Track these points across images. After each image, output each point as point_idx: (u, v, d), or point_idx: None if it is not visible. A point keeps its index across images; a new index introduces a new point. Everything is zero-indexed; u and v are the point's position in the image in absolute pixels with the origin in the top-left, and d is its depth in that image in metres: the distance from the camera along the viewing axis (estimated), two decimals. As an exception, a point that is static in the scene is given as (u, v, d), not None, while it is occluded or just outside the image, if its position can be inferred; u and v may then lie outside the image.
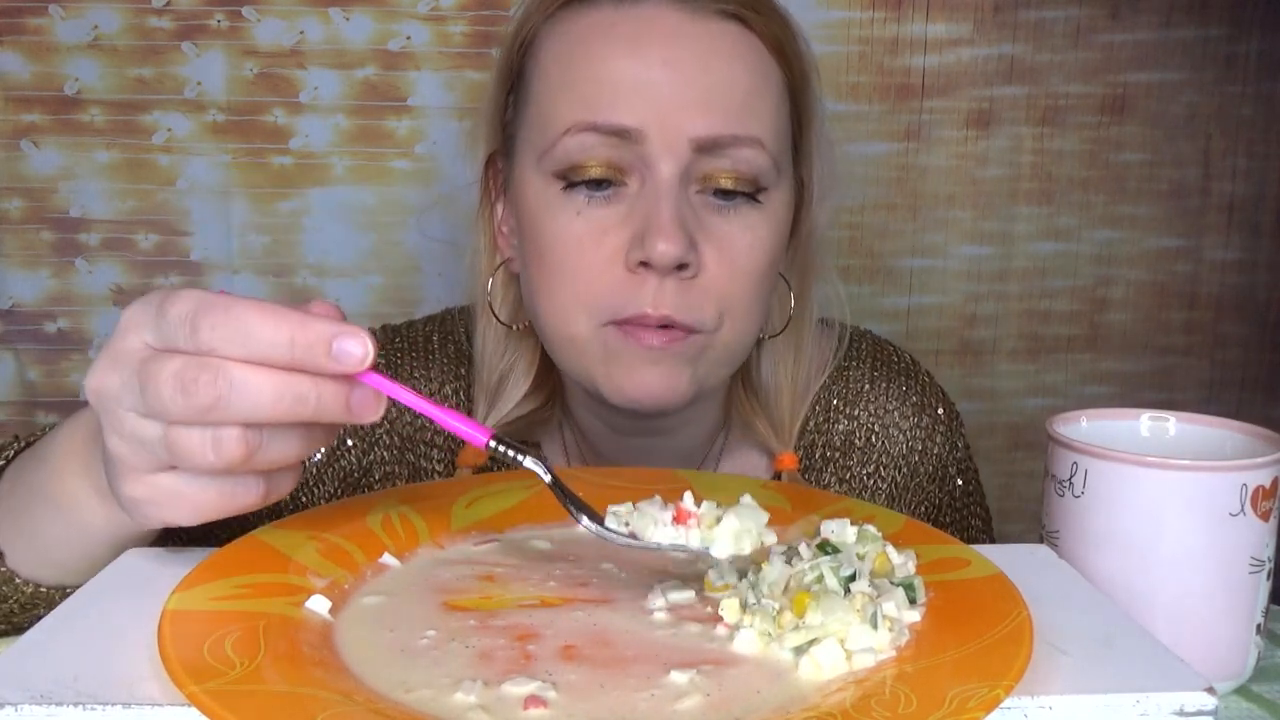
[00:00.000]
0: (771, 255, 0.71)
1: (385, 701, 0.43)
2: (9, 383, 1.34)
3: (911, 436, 0.83)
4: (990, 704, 0.40)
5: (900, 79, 1.37)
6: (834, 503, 0.65)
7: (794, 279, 0.79)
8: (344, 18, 1.31)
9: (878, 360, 0.86)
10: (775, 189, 0.71)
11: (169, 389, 0.45)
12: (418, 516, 0.62)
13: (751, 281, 0.69)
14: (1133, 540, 0.57)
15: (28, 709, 0.42)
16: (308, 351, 0.45)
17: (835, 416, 0.83)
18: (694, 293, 0.67)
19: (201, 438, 0.46)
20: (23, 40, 1.28)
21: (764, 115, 0.69)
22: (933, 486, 0.84)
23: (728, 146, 0.67)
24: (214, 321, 0.45)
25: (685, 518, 0.51)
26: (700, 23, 0.67)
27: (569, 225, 0.68)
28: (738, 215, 0.69)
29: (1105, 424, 0.66)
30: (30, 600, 0.62)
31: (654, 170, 0.66)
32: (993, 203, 1.41)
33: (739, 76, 0.68)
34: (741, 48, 0.69)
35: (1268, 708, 0.56)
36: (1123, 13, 1.38)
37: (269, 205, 1.33)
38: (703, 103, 0.66)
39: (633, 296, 0.67)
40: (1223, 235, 1.44)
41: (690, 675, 0.45)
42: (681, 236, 0.65)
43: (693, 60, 0.67)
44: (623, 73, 0.66)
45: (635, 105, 0.66)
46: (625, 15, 0.68)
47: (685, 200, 0.67)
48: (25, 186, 1.31)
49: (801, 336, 0.80)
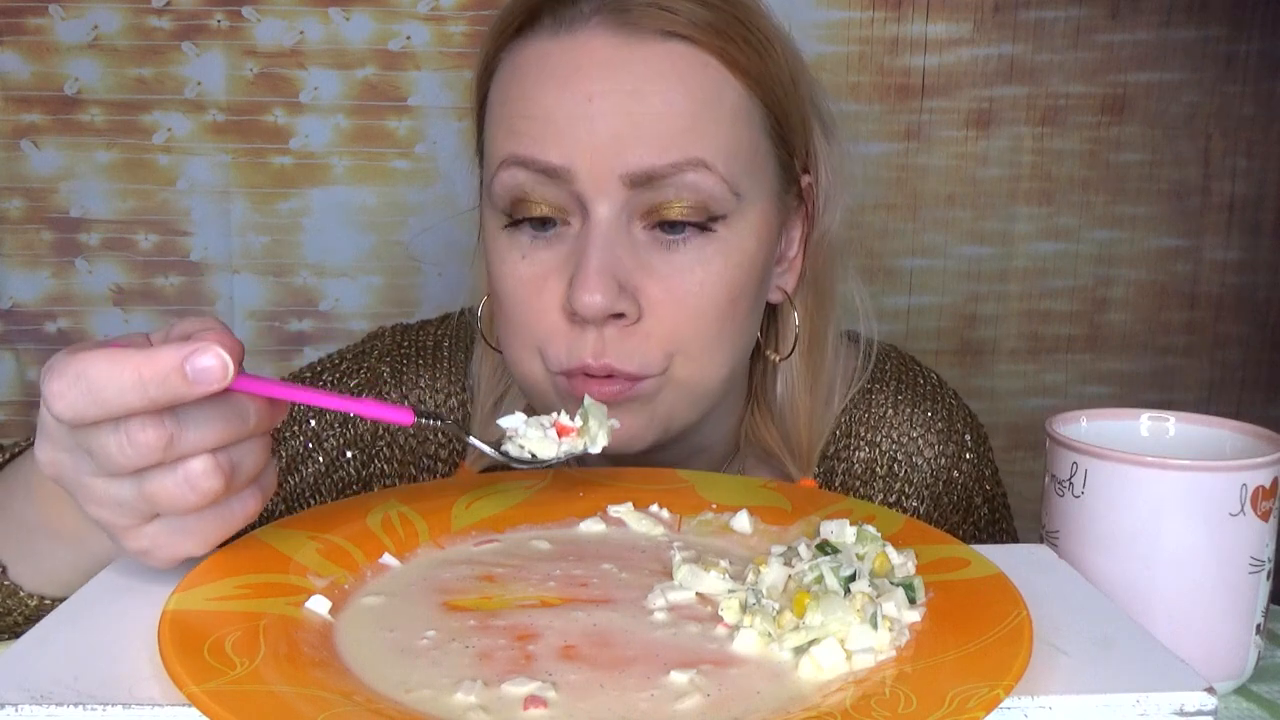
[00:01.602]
0: (732, 286, 0.66)
1: (385, 701, 0.43)
2: (9, 383, 1.34)
3: (936, 466, 0.80)
4: (990, 704, 0.40)
5: (900, 79, 1.37)
6: (834, 503, 0.65)
7: (804, 296, 0.75)
8: (344, 18, 1.31)
9: (903, 382, 0.82)
10: (737, 214, 0.66)
11: (114, 448, 0.45)
12: (418, 516, 0.62)
13: (707, 320, 0.65)
14: (1133, 540, 0.57)
15: (28, 709, 0.42)
16: (163, 386, 0.44)
17: (857, 443, 0.79)
18: (635, 339, 0.65)
19: (174, 482, 0.46)
20: (23, 40, 1.28)
21: (713, 136, 0.64)
22: (957, 516, 0.81)
23: (667, 176, 0.63)
24: (59, 391, 0.44)
25: (566, 431, 0.58)
26: (638, 47, 0.64)
27: (515, 269, 0.66)
28: (687, 249, 0.65)
29: (1105, 424, 0.66)
30: (34, 612, 0.62)
31: (589, 210, 0.64)
32: (993, 203, 1.41)
33: (678, 101, 0.64)
34: (684, 68, 0.64)
35: (1268, 708, 0.56)
36: (1123, 13, 1.38)
37: (269, 205, 1.34)
38: (633, 135, 0.63)
39: (573, 346, 0.65)
40: (1223, 235, 1.44)
41: (690, 675, 0.45)
42: (606, 285, 0.62)
43: (624, 91, 0.63)
44: (551, 108, 0.64)
45: (563, 143, 0.63)
46: (561, 45, 0.65)
47: (625, 241, 0.64)
48: (25, 186, 1.31)
49: (819, 356, 0.75)
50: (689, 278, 0.65)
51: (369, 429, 0.82)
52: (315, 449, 0.81)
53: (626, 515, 0.64)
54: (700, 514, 0.64)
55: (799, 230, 0.74)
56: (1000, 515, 0.85)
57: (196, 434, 0.46)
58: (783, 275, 0.74)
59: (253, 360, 1.36)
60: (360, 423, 0.81)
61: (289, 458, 0.81)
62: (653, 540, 0.62)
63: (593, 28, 0.64)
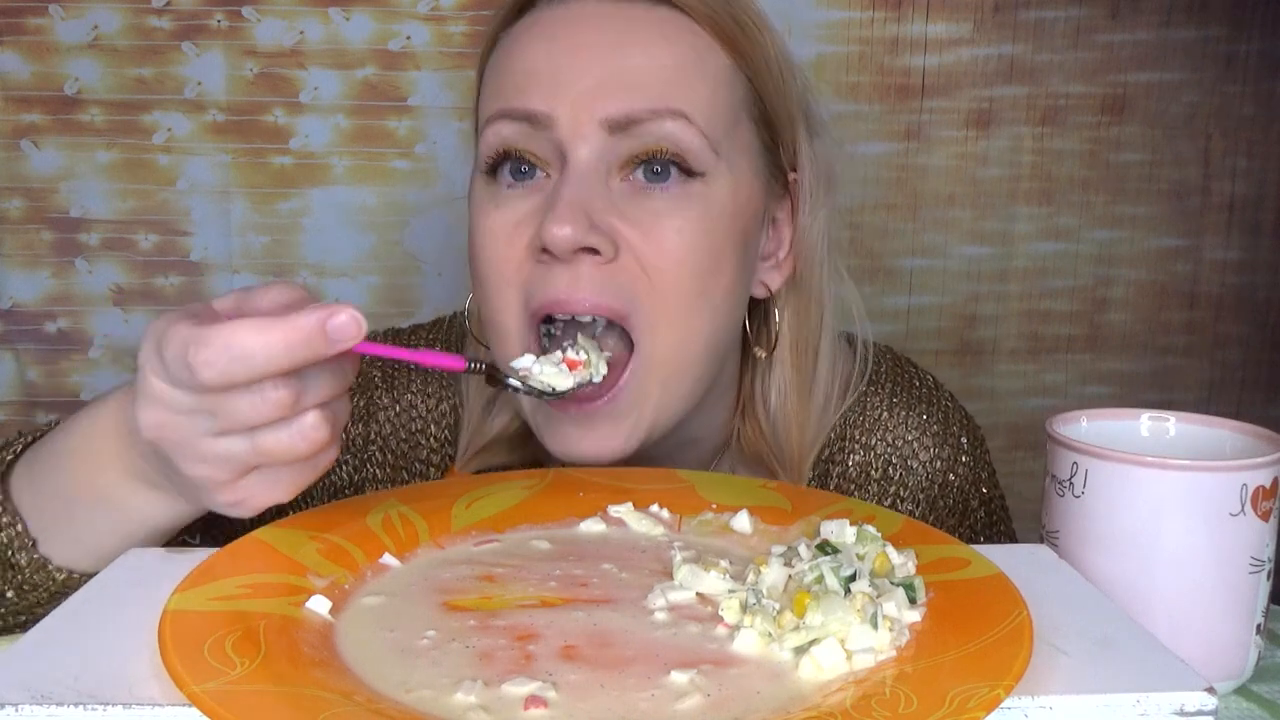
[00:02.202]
0: (712, 237, 0.66)
1: (385, 701, 0.43)
2: (9, 383, 1.34)
3: (931, 469, 0.79)
4: (990, 704, 0.40)
5: (900, 79, 1.37)
6: (834, 503, 0.65)
7: (792, 297, 0.74)
8: (344, 18, 1.31)
9: (897, 384, 0.81)
10: (716, 174, 0.66)
11: (247, 406, 0.48)
12: (418, 516, 0.62)
13: (685, 266, 0.64)
14: (1133, 540, 0.57)
15: (28, 709, 0.42)
16: (308, 347, 0.47)
17: (851, 446, 0.78)
18: (613, 272, 0.64)
19: (289, 435, 0.49)
20: (23, 40, 1.28)
21: (694, 92, 0.65)
22: (953, 520, 0.80)
23: (645, 122, 0.64)
24: (207, 360, 0.47)
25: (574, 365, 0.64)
26: (628, 9, 0.66)
27: (489, 217, 0.67)
28: (665, 197, 0.65)
29: (1105, 424, 0.66)
30: (61, 588, 0.62)
31: (568, 156, 0.64)
32: (993, 203, 1.41)
33: (661, 56, 0.65)
34: (671, 30, 0.66)
35: (1268, 708, 0.56)
36: (1123, 13, 1.38)
37: (269, 205, 1.34)
38: (614, 82, 0.64)
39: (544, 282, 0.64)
40: (1223, 235, 1.44)
41: (690, 675, 0.45)
42: (576, 217, 0.61)
43: (608, 43, 0.65)
44: (535, 61, 0.65)
45: (544, 90, 0.64)
46: (553, 13, 0.67)
47: (600, 187, 0.64)
48: (25, 186, 1.31)
49: (809, 361, 0.74)
50: (666, 223, 0.65)
51: (361, 434, 0.82)
52: None
53: (626, 515, 0.64)
54: (700, 514, 0.64)
55: (788, 229, 0.74)
56: (998, 518, 0.84)
57: (314, 391, 0.49)
58: (769, 271, 0.74)
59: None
60: (352, 428, 0.82)
61: None
62: (653, 540, 0.62)
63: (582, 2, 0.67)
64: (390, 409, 0.82)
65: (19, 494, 0.62)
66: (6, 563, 0.61)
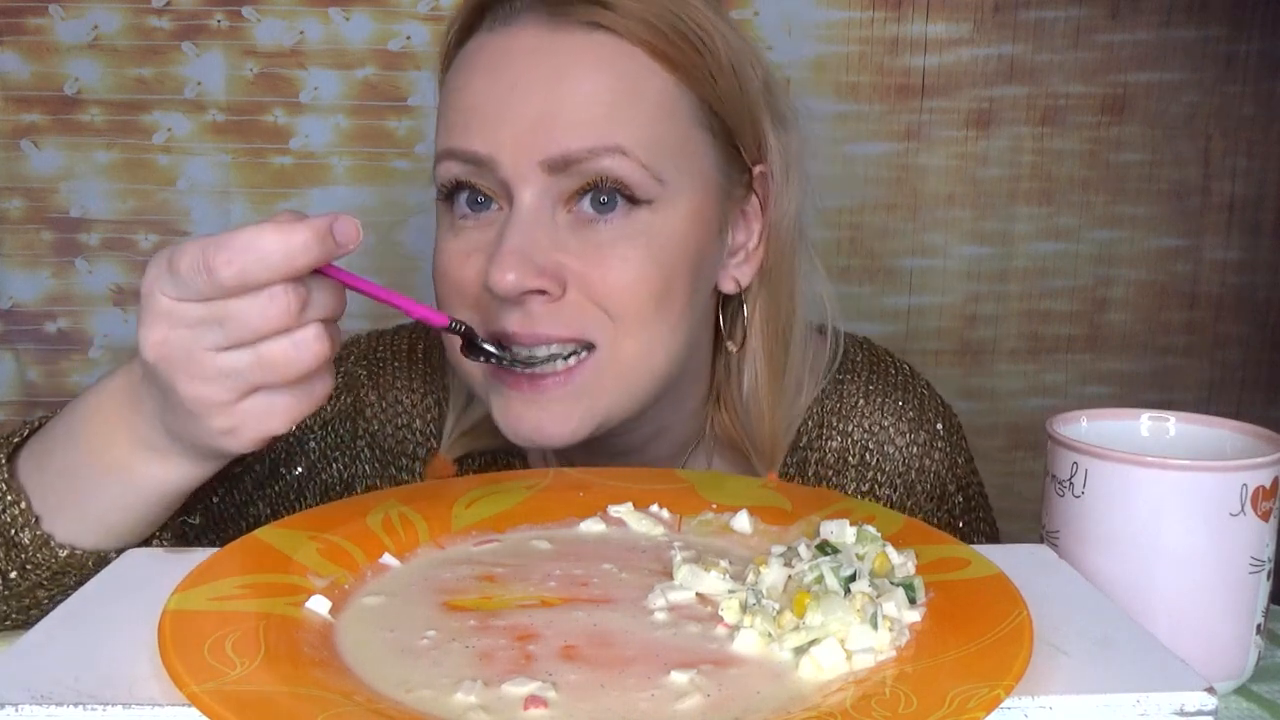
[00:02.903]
0: (663, 267, 0.67)
1: (385, 701, 0.43)
2: (9, 383, 1.34)
3: (908, 454, 0.80)
4: (990, 704, 0.40)
5: (900, 79, 1.37)
6: (834, 503, 0.65)
7: (765, 289, 0.74)
8: (344, 18, 1.31)
9: (874, 372, 0.82)
10: (664, 201, 0.67)
11: (255, 312, 0.50)
12: (418, 516, 0.62)
13: (638, 294, 0.66)
14: (1133, 540, 0.57)
15: (28, 709, 0.42)
16: (320, 247, 0.51)
17: (828, 433, 0.80)
18: (563, 307, 0.65)
19: (293, 344, 0.51)
20: (23, 40, 1.28)
21: (633, 124, 0.66)
22: (931, 505, 0.81)
23: (582, 161, 0.65)
24: (228, 259, 0.49)
25: None
26: (564, 37, 0.66)
27: (447, 244, 0.69)
28: (609, 228, 0.66)
29: (1105, 424, 0.66)
30: (62, 567, 0.62)
31: (514, 195, 0.66)
32: (993, 203, 1.41)
33: (597, 88, 0.65)
34: (607, 57, 0.66)
35: (1268, 708, 0.56)
36: (1123, 13, 1.38)
37: (269, 205, 1.34)
38: (552, 121, 0.65)
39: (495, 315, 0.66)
40: (1223, 235, 1.44)
41: (690, 675, 0.45)
42: (520, 264, 0.63)
43: (545, 80, 0.65)
44: (477, 99, 0.67)
45: (485, 132, 0.66)
46: (495, 37, 0.68)
47: (546, 225, 0.65)
48: (25, 186, 1.31)
49: (781, 350, 0.75)
50: (611, 252, 0.66)
51: (349, 431, 0.83)
52: (299, 452, 0.82)
53: (626, 515, 0.64)
54: (700, 514, 0.64)
55: (758, 222, 0.74)
56: (976, 504, 0.85)
57: (316, 306, 0.52)
58: (739, 266, 0.74)
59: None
60: (341, 426, 0.83)
61: (272, 462, 0.81)
62: (653, 540, 0.62)
63: (524, 20, 0.67)
64: (377, 405, 0.83)
65: (25, 475, 0.63)
66: (10, 541, 0.62)
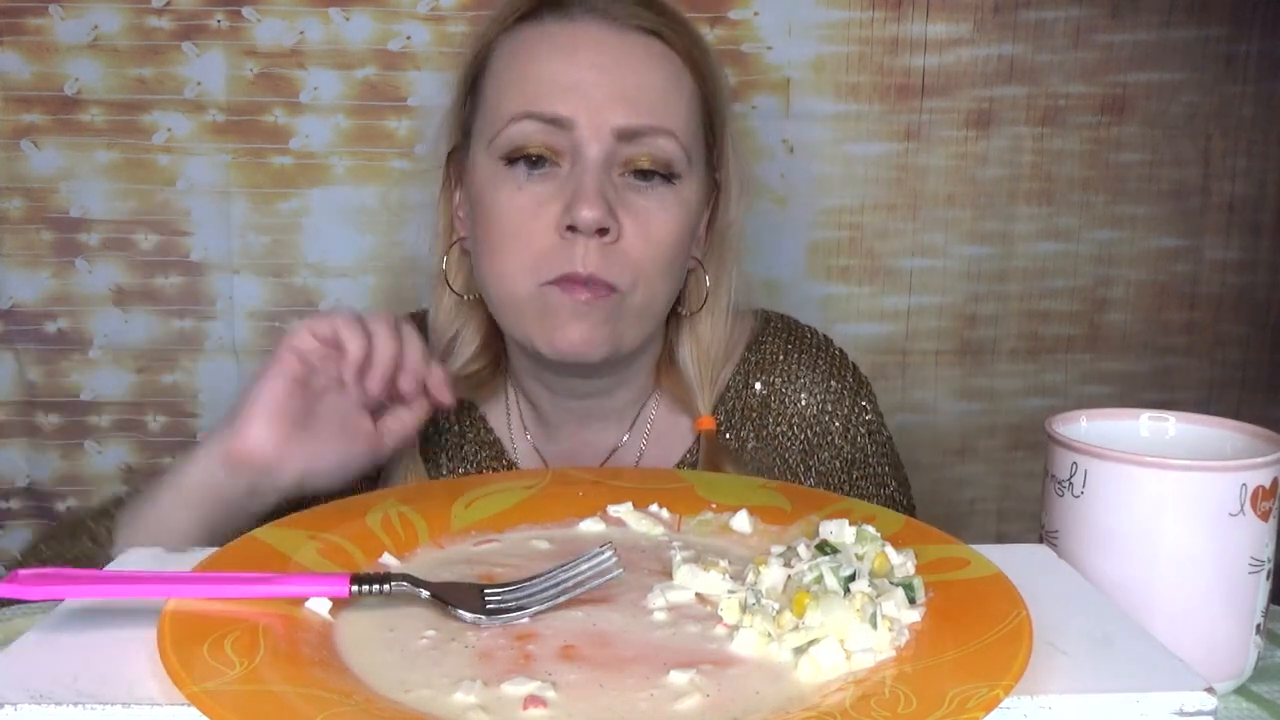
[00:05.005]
0: (681, 231, 0.82)
1: (385, 701, 0.43)
2: (9, 383, 1.34)
3: (822, 399, 0.93)
4: (990, 704, 0.40)
5: (900, 79, 1.37)
6: (834, 503, 0.65)
7: (710, 266, 0.89)
8: (344, 18, 1.31)
9: (791, 335, 0.95)
10: (687, 178, 0.82)
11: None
12: (418, 516, 0.62)
13: (662, 251, 0.81)
14: (1133, 540, 0.57)
15: (27, 709, 0.42)
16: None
17: (751, 382, 0.93)
18: (614, 255, 0.79)
19: None
20: (23, 40, 1.28)
21: (677, 113, 0.81)
22: (844, 443, 0.93)
23: (644, 135, 0.79)
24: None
25: None
26: (623, 35, 0.81)
27: (512, 198, 0.80)
28: (653, 193, 0.81)
29: (1105, 424, 0.66)
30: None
31: (583, 153, 0.78)
32: (993, 203, 1.41)
33: (655, 80, 0.81)
34: (658, 57, 0.82)
35: (1268, 708, 0.56)
36: (1123, 13, 1.38)
37: (269, 205, 1.33)
38: (623, 99, 0.79)
39: (564, 257, 0.78)
40: (1223, 235, 1.44)
41: (690, 675, 0.45)
42: (603, 204, 0.77)
43: (616, 65, 0.80)
44: (558, 73, 0.79)
45: (568, 99, 0.78)
46: (563, 28, 0.81)
47: (608, 179, 0.79)
48: (25, 186, 1.31)
49: (717, 315, 0.90)
50: (654, 216, 0.80)
51: None
52: None
53: (626, 515, 0.64)
54: (700, 514, 0.65)
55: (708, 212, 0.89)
56: (886, 452, 0.96)
57: None
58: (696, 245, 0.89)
59: (253, 360, 1.37)
60: None
61: None
62: (653, 540, 0.62)
63: (583, 21, 0.81)
64: None
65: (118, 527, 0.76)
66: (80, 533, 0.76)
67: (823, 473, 0.92)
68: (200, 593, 0.49)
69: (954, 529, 0.60)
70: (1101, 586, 0.56)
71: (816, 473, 0.92)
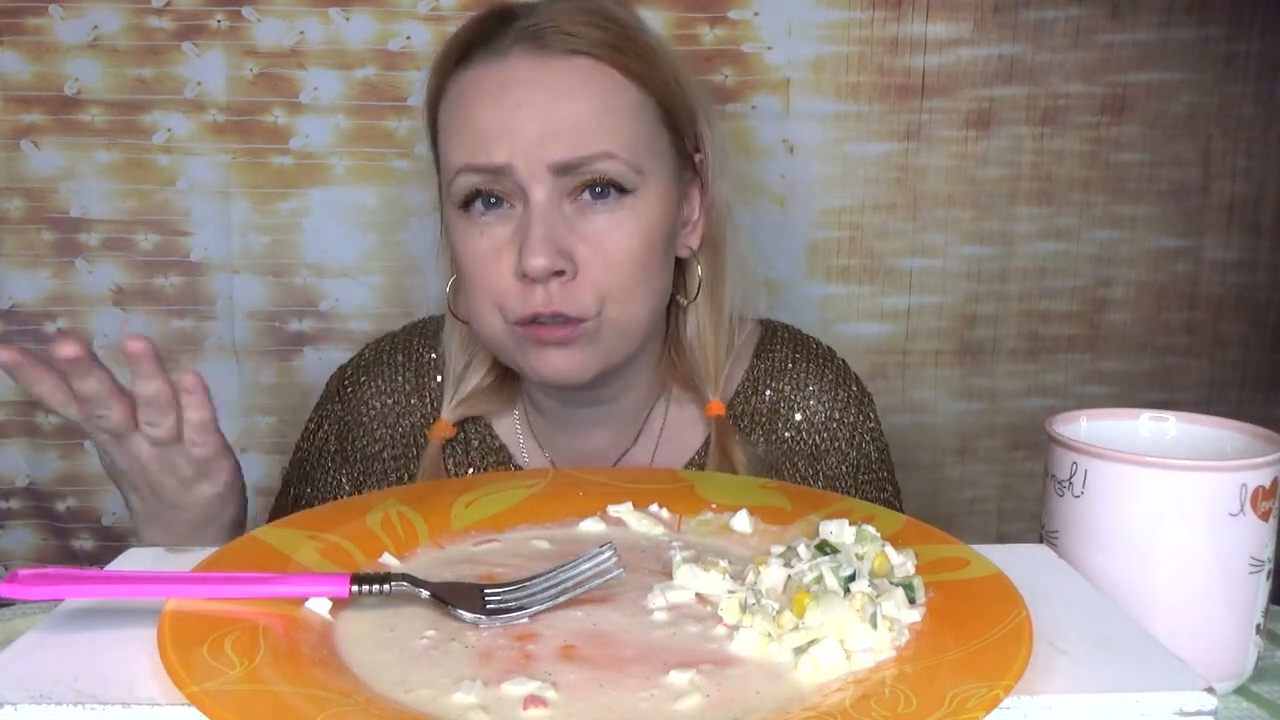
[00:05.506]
0: (644, 241, 0.82)
1: (385, 701, 0.43)
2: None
3: (829, 406, 0.96)
4: (990, 704, 0.40)
5: (900, 79, 1.37)
6: (834, 503, 0.65)
7: (705, 252, 0.90)
8: (344, 18, 1.31)
9: (797, 345, 0.98)
10: (644, 186, 0.82)
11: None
12: (418, 516, 0.62)
13: (627, 269, 0.81)
14: (1133, 540, 0.57)
15: (27, 709, 0.42)
16: None
17: (761, 389, 0.96)
18: (575, 290, 0.80)
19: None
20: (23, 40, 1.28)
21: (615, 131, 0.81)
22: (850, 449, 0.96)
23: (582, 165, 0.79)
24: None
25: None
26: (551, 63, 0.80)
27: (474, 244, 0.82)
28: (609, 210, 0.81)
29: (1105, 424, 0.66)
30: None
31: (528, 194, 0.79)
32: (993, 203, 1.40)
33: (587, 107, 0.80)
34: (590, 78, 0.81)
35: (1268, 708, 0.56)
36: (1123, 13, 1.38)
37: (269, 205, 1.33)
38: (555, 135, 0.79)
39: (526, 300, 0.79)
40: (1223, 235, 1.44)
41: (690, 675, 0.45)
42: (550, 250, 0.78)
43: (544, 100, 0.79)
44: (490, 120, 0.80)
45: (501, 145, 0.79)
46: (492, 70, 0.81)
47: (558, 215, 0.80)
48: (25, 186, 1.31)
49: (720, 301, 0.92)
50: (609, 237, 0.81)
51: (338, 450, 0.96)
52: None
53: (626, 515, 0.64)
54: (700, 514, 0.65)
55: (698, 199, 0.90)
56: (886, 460, 0.99)
57: None
58: (689, 235, 0.89)
59: (253, 360, 1.37)
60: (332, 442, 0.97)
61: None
62: (653, 540, 0.62)
63: (515, 54, 0.81)
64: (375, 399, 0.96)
65: None
66: None
67: (830, 477, 0.94)
68: (200, 593, 0.49)
69: (954, 529, 0.60)
70: (1101, 586, 0.56)
71: (825, 476, 0.93)
